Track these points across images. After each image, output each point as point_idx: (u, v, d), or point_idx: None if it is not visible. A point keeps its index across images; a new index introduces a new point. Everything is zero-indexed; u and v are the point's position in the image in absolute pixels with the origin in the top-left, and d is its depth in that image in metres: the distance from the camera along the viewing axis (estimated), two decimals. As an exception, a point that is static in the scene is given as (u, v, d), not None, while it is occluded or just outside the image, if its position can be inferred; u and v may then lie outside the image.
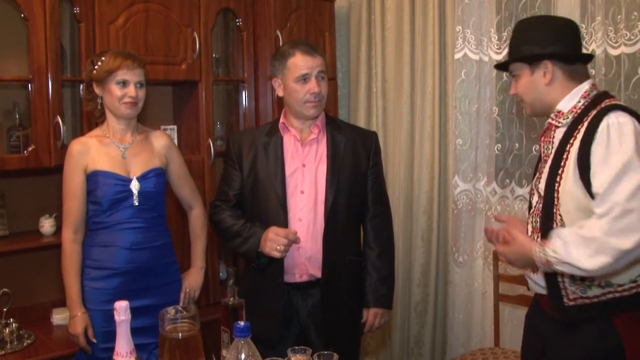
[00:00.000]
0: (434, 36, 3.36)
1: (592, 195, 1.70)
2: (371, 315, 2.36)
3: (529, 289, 2.09)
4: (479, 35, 3.21)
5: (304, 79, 2.23)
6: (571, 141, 1.78)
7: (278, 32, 3.23)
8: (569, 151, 1.77)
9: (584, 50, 2.74)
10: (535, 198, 1.91)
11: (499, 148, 3.21)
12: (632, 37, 2.63)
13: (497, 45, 3.13)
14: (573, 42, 1.88)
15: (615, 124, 1.68)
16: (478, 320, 3.36)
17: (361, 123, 3.61)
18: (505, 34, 3.08)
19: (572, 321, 1.80)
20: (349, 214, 2.31)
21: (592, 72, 2.73)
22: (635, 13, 2.62)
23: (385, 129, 3.61)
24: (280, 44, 3.17)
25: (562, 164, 1.78)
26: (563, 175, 1.77)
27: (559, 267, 1.72)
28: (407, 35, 3.47)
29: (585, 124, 1.75)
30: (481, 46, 3.20)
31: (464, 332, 3.43)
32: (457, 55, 3.29)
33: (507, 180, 3.18)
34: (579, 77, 1.87)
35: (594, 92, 1.84)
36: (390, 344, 3.67)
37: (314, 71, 2.22)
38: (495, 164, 3.23)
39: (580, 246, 1.66)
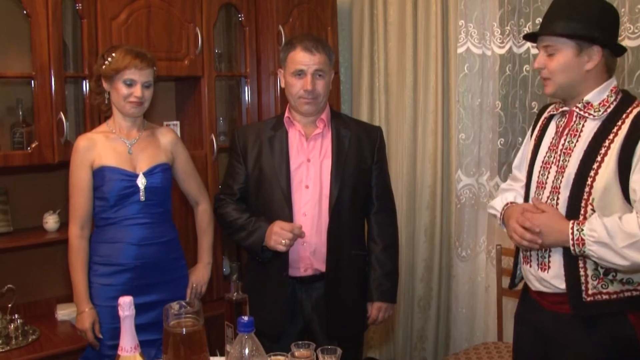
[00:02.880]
0: (437, 30, 3.35)
1: (626, 196, 1.68)
2: (375, 309, 2.37)
3: (511, 287, 2.05)
4: (482, 30, 3.19)
5: (300, 74, 2.24)
6: (611, 137, 1.73)
7: (280, 27, 3.23)
8: (608, 147, 1.72)
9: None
10: (547, 193, 1.85)
11: (502, 142, 3.20)
12: (636, 31, 2.61)
13: (500, 40, 3.12)
14: (617, 31, 1.81)
15: None
16: (481, 315, 3.36)
17: (364, 118, 3.61)
18: (508, 27, 3.07)
19: (589, 316, 1.77)
20: (353, 208, 2.32)
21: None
22: (639, 6, 2.61)
23: (388, 124, 3.60)
24: (283, 39, 3.17)
25: (599, 159, 1.72)
26: (600, 171, 1.72)
27: (592, 248, 1.68)
28: (410, 30, 3.46)
29: (627, 122, 1.71)
30: (484, 40, 3.19)
31: (467, 327, 3.43)
32: (460, 50, 3.28)
33: (510, 175, 3.17)
34: (611, 71, 1.83)
35: (618, 89, 1.82)
36: (394, 338, 3.67)
37: (310, 69, 2.23)
38: (498, 158, 3.22)
39: (622, 236, 1.64)
